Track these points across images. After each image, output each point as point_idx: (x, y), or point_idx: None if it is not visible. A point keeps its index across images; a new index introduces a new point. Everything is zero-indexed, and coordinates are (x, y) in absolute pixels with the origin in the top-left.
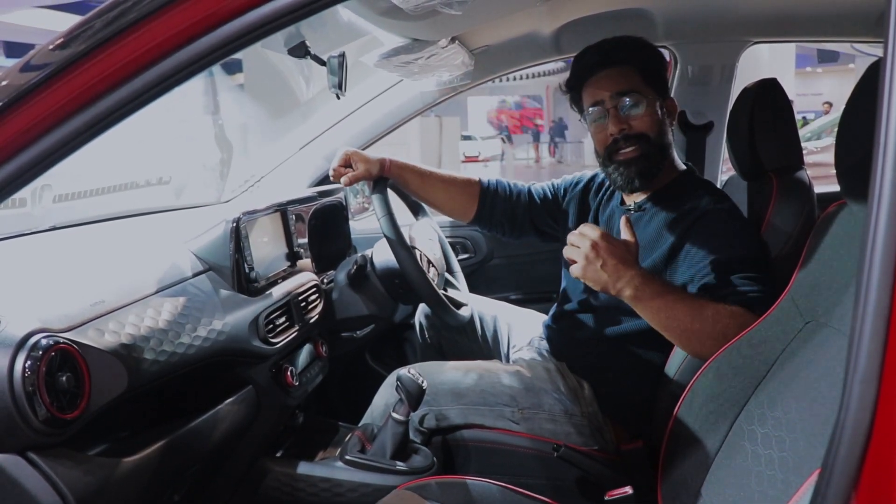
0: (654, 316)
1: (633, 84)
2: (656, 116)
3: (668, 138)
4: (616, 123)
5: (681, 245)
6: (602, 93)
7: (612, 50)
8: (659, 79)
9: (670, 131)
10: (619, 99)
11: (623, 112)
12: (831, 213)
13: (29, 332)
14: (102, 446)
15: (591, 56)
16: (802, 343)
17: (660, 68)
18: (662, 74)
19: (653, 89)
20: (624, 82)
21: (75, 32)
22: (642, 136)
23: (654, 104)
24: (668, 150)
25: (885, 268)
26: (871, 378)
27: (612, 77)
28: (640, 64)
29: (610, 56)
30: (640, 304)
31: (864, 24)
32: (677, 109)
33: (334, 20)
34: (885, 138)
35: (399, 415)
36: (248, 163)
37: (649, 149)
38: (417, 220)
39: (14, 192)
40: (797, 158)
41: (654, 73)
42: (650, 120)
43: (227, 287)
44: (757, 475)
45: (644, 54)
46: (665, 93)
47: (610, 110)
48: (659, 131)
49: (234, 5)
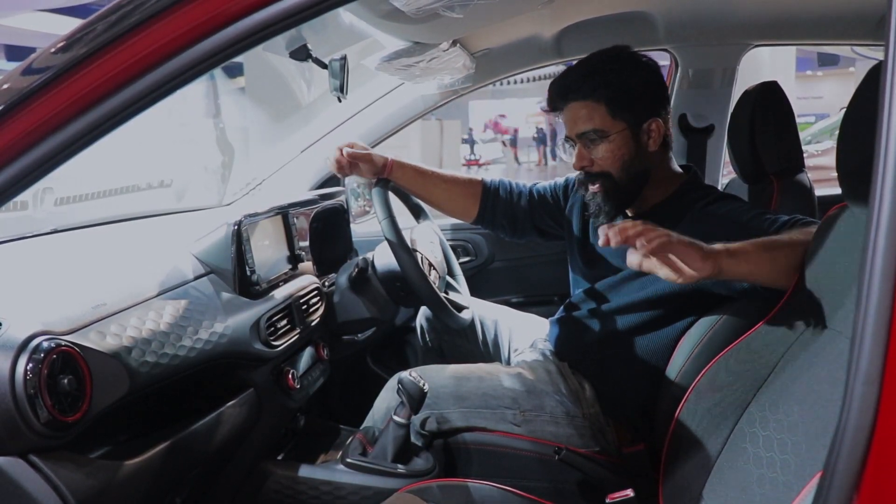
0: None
1: (595, 121)
2: (623, 150)
3: (642, 166)
4: (578, 160)
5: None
6: (568, 128)
7: (573, 85)
8: (634, 104)
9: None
10: (583, 136)
11: (587, 148)
12: (833, 215)
13: (30, 335)
14: (104, 449)
15: (555, 89)
16: (804, 346)
17: (635, 94)
18: (640, 99)
19: (623, 120)
20: (585, 120)
21: (77, 36)
22: (602, 175)
23: (624, 136)
24: (641, 179)
25: (886, 271)
26: (873, 380)
27: (574, 112)
28: (607, 98)
29: (571, 92)
30: (738, 257)
31: (865, 27)
32: (663, 129)
33: (336, 23)
34: (886, 141)
35: (400, 418)
36: (250, 166)
37: (611, 186)
38: (419, 222)
39: (16, 195)
40: (798, 161)
41: (624, 101)
42: (612, 157)
43: (228, 290)
44: (759, 478)
45: (612, 85)
46: (644, 116)
47: (576, 145)
48: (624, 166)
49: (235, 9)
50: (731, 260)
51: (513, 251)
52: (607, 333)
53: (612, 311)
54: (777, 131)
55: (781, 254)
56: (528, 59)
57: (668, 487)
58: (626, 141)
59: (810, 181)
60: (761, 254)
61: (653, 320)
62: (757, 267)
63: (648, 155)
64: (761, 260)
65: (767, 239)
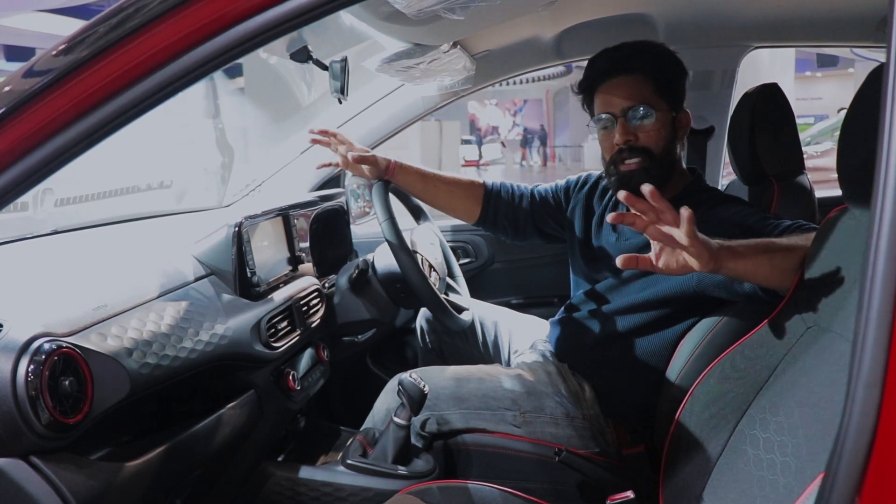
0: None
1: (644, 96)
2: (664, 131)
3: (675, 153)
4: (623, 134)
5: None
6: (613, 101)
7: (627, 57)
8: (673, 91)
9: (679, 145)
10: (629, 110)
11: (632, 123)
12: (833, 217)
13: (32, 337)
14: (105, 450)
15: (605, 62)
16: (804, 348)
17: (676, 80)
18: (678, 86)
19: (665, 101)
20: (636, 93)
21: (78, 38)
22: (646, 151)
23: (665, 118)
24: (673, 165)
25: (887, 272)
26: (875, 383)
27: (625, 86)
28: (655, 74)
29: (625, 64)
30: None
31: (865, 29)
32: (690, 123)
33: (336, 25)
34: (887, 143)
35: (401, 419)
36: (250, 167)
37: (651, 164)
38: (419, 224)
39: (18, 197)
40: (798, 162)
41: (669, 84)
42: (657, 135)
43: (228, 291)
44: (759, 480)
45: (660, 64)
46: (679, 105)
47: (619, 119)
48: (665, 147)
49: (236, 12)
50: (730, 257)
51: (513, 252)
52: (608, 335)
53: (612, 312)
54: (777, 133)
55: (780, 256)
56: (528, 61)
57: (668, 489)
58: (666, 122)
59: (810, 183)
60: (760, 254)
61: (653, 322)
62: (755, 267)
63: (677, 145)
64: (760, 260)
65: (768, 240)
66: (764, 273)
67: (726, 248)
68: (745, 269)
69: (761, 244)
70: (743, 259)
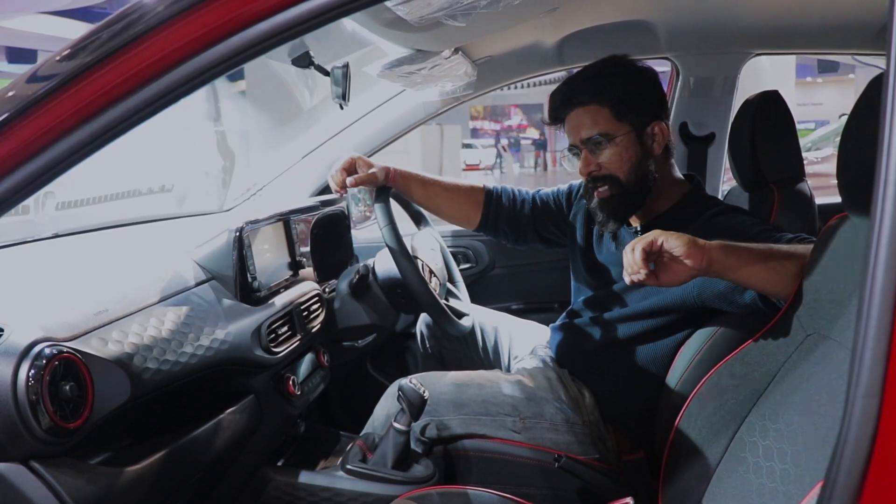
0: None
1: (600, 125)
2: (628, 153)
3: (647, 170)
4: (585, 165)
5: None
6: (572, 134)
7: (576, 91)
8: (638, 108)
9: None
10: (588, 141)
11: (593, 154)
12: (833, 225)
13: (32, 341)
14: (105, 455)
15: (558, 97)
16: (804, 355)
17: (638, 97)
18: (644, 101)
19: (627, 123)
20: (590, 124)
21: (82, 43)
22: (611, 178)
23: (628, 140)
24: (646, 183)
25: (887, 280)
26: (874, 391)
27: (581, 117)
28: (611, 100)
29: (576, 97)
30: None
31: (865, 36)
32: (667, 133)
33: (338, 30)
34: (887, 151)
35: (400, 424)
36: (251, 171)
37: (620, 189)
38: (419, 229)
39: (21, 201)
40: (798, 170)
41: (627, 105)
42: (619, 160)
43: (229, 296)
44: (758, 487)
45: (616, 88)
46: (647, 120)
47: (582, 151)
48: (632, 168)
49: (239, 19)
50: (724, 254)
51: (513, 258)
52: (608, 341)
53: (613, 319)
54: (778, 140)
55: (778, 260)
56: (529, 67)
57: (667, 496)
58: (631, 143)
59: (811, 190)
60: (758, 256)
61: (654, 329)
62: (752, 266)
63: (653, 159)
64: (757, 262)
65: (768, 245)
66: (762, 276)
67: (718, 244)
68: (739, 265)
69: (761, 246)
70: (735, 255)
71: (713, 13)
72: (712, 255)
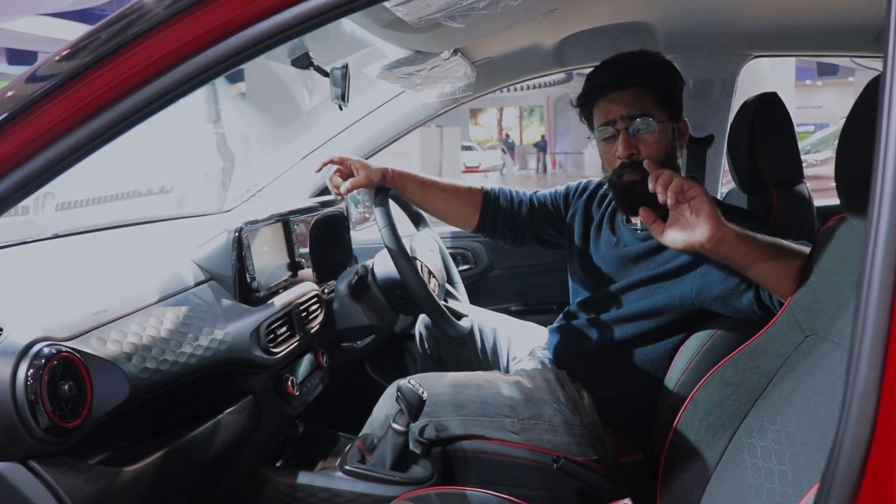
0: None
1: (645, 107)
2: (665, 142)
3: (677, 163)
4: (625, 147)
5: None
6: (613, 113)
7: (627, 71)
8: (672, 101)
9: (680, 155)
10: (630, 121)
11: (633, 135)
12: (831, 226)
13: (31, 341)
14: (103, 455)
15: (606, 75)
16: (802, 357)
17: (674, 90)
18: (677, 96)
19: (665, 111)
20: (636, 104)
21: (82, 43)
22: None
23: (665, 128)
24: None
25: (884, 282)
26: (871, 392)
27: (625, 98)
28: (655, 86)
29: (625, 77)
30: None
31: (864, 38)
32: (688, 132)
33: (337, 31)
34: (885, 152)
35: (399, 425)
36: (250, 172)
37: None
38: (418, 230)
39: (20, 202)
40: (797, 172)
41: (668, 94)
42: (658, 147)
43: (228, 297)
44: (756, 488)
45: (660, 76)
46: (678, 115)
47: (620, 131)
48: (666, 158)
49: (238, 20)
50: (736, 237)
51: (512, 259)
52: (606, 342)
53: (611, 320)
54: (776, 142)
55: (783, 254)
56: (528, 68)
57: (666, 497)
58: (667, 133)
59: (809, 192)
60: (765, 248)
61: (652, 330)
62: (758, 255)
63: (679, 154)
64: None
65: (775, 239)
66: (764, 267)
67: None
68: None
69: (770, 239)
70: (748, 242)
71: (712, 15)
72: (726, 233)
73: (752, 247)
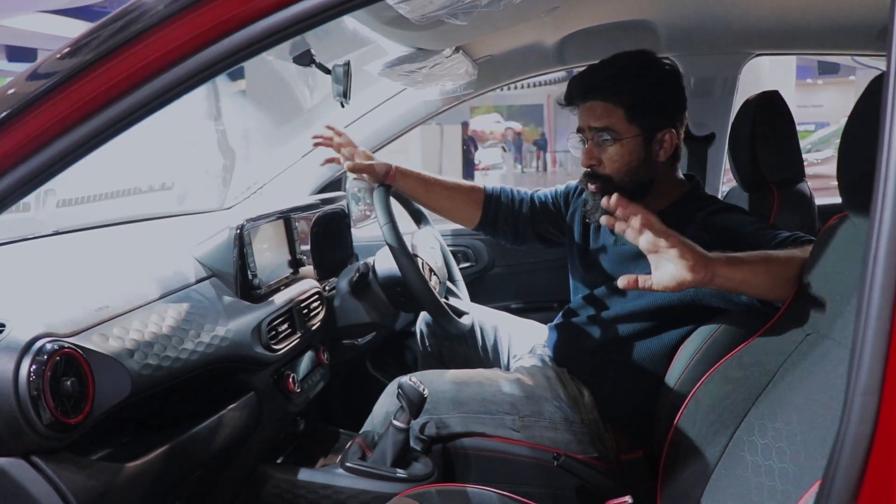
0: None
1: (611, 122)
2: (630, 157)
3: (647, 175)
4: (587, 157)
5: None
6: (583, 121)
7: (599, 82)
8: (652, 114)
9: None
10: (596, 133)
11: (597, 147)
12: (833, 225)
13: (34, 337)
14: (105, 451)
15: (580, 83)
16: (803, 355)
17: (655, 102)
18: (659, 107)
19: (638, 126)
20: (604, 117)
21: (83, 41)
22: (606, 178)
23: (634, 143)
24: (643, 187)
25: (886, 280)
26: (872, 390)
27: (595, 110)
28: (628, 100)
29: (595, 89)
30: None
31: (866, 37)
32: (676, 140)
33: (339, 29)
34: (887, 151)
35: (400, 422)
36: (251, 169)
37: (612, 190)
38: (419, 228)
39: (22, 198)
40: (798, 170)
41: (644, 109)
42: (620, 161)
43: (230, 293)
44: (757, 486)
45: (635, 90)
46: (659, 125)
47: (588, 141)
48: (630, 172)
49: (240, 17)
50: (726, 268)
51: (513, 257)
52: (606, 340)
53: (611, 318)
54: (778, 141)
55: (777, 266)
56: (530, 66)
57: (666, 494)
58: (636, 147)
59: (810, 190)
60: (758, 265)
61: (652, 328)
62: (752, 276)
63: (655, 164)
64: (757, 271)
65: (765, 252)
66: (761, 284)
67: (722, 258)
68: (742, 278)
69: (759, 255)
70: (739, 268)
71: (714, 13)
72: (716, 271)
73: (744, 270)
